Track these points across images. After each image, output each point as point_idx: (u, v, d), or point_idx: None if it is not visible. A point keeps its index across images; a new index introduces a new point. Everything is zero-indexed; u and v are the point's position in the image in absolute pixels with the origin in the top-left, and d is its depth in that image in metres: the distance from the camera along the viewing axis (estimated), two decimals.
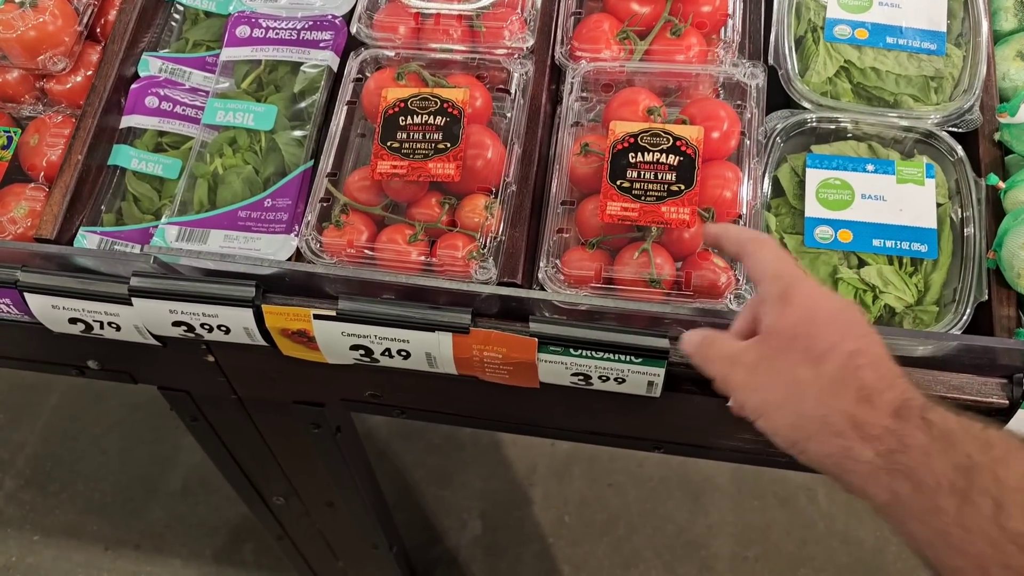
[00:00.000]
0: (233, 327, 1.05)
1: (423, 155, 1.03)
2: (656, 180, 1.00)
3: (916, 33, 1.14)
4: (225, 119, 1.16)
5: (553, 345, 0.97)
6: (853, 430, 0.67)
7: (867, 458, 0.65)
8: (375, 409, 1.22)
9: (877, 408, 0.67)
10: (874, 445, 0.65)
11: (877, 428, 0.66)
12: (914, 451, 0.63)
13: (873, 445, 0.65)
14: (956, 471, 0.61)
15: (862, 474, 0.66)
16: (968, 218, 1.04)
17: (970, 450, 0.62)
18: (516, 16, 1.12)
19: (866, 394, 0.67)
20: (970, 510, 0.59)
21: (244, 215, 1.09)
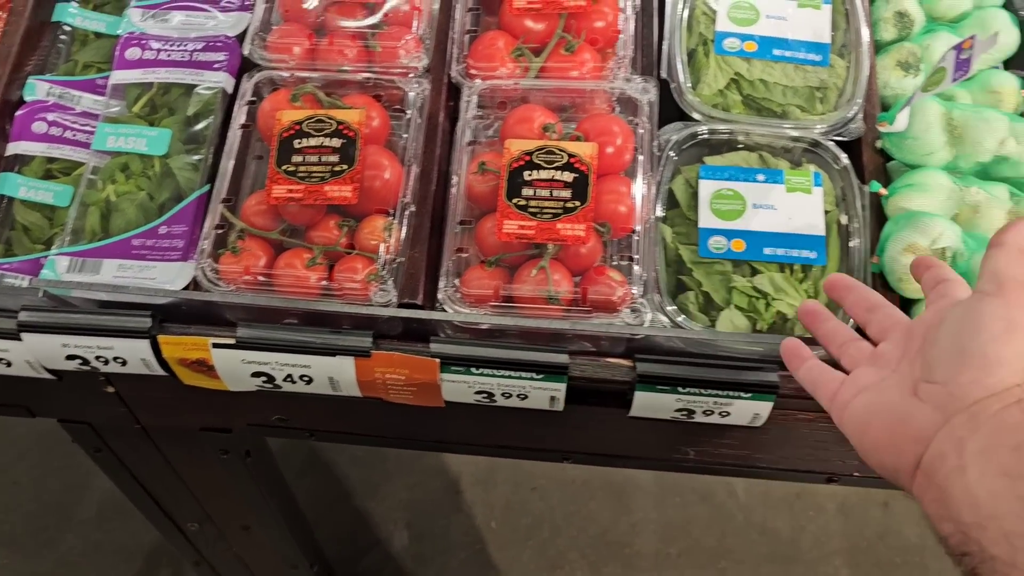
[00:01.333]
0: (130, 359, 1.03)
1: (319, 178, 1.02)
2: (551, 198, 1.01)
3: (802, 45, 1.18)
4: (116, 144, 1.13)
5: (455, 365, 0.98)
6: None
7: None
8: (283, 433, 1.21)
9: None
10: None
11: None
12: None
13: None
14: None
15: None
16: (854, 224, 1.08)
17: None
18: (411, 35, 1.12)
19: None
20: None
21: (138, 243, 1.07)
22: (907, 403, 0.70)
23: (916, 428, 0.68)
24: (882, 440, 0.71)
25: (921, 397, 0.69)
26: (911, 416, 0.69)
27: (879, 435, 0.71)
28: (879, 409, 0.72)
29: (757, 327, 1.05)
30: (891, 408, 0.71)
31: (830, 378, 0.81)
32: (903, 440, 0.69)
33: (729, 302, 1.05)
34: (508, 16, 1.14)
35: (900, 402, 0.71)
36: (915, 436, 0.68)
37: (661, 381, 0.96)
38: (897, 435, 0.69)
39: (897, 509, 2.33)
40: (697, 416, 1.01)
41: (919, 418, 0.68)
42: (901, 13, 1.23)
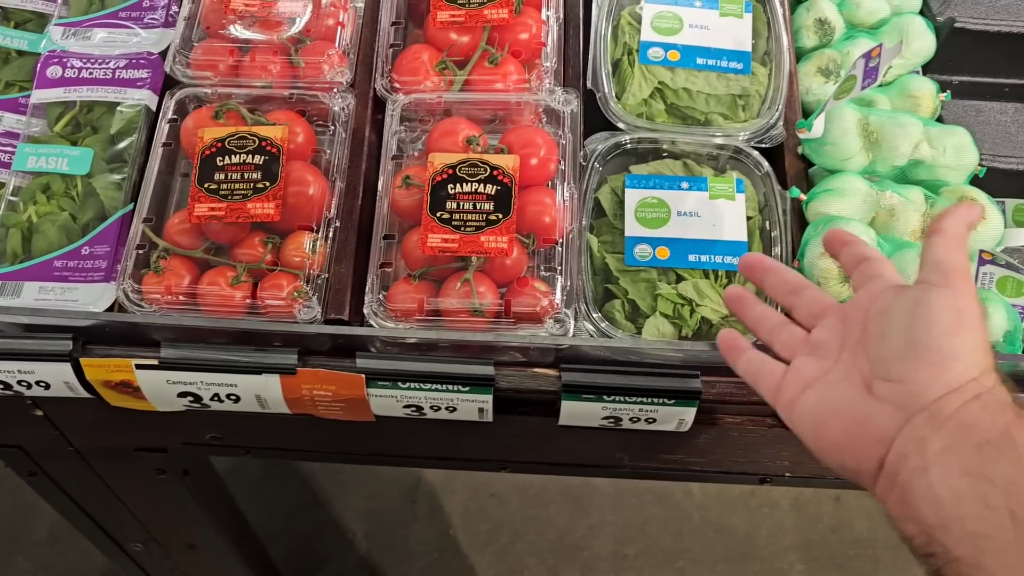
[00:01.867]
0: (53, 382, 1.01)
1: (242, 195, 1.02)
2: (475, 210, 1.02)
3: (724, 53, 1.20)
4: (38, 165, 1.11)
5: (381, 380, 0.98)
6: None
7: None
8: (219, 451, 1.20)
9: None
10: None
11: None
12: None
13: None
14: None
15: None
16: (776, 230, 1.10)
17: None
18: (334, 50, 1.12)
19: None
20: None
21: (60, 264, 1.06)
22: (865, 403, 0.69)
23: (877, 429, 0.67)
24: (841, 442, 0.70)
25: (878, 396, 0.68)
26: (871, 417, 0.68)
27: (838, 437, 0.70)
28: (835, 410, 0.71)
29: (682, 333, 1.06)
30: (848, 408, 0.70)
31: (771, 370, 0.79)
32: (864, 442, 0.68)
33: (655, 309, 1.06)
34: (432, 29, 1.14)
35: (857, 402, 0.70)
36: (876, 437, 0.67)
37: (586, 390, 0.97)
38: (857, 437, 0.69)
39: (848, 503, 2.36)
40: (624, 423, 1.02)
41: (879, 419, 0.67)
42: (821, 20, 1.25)
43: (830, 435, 0.71)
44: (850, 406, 0.70)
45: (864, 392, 0.70)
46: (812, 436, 0.73)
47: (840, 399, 0.71)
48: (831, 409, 0.72)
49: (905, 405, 0.66)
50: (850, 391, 0.71)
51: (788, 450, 1.11)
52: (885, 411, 0.67)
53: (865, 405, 0.69)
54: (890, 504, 0.66)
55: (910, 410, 0.66)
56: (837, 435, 0.71)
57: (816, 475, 1.16)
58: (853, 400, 0.70)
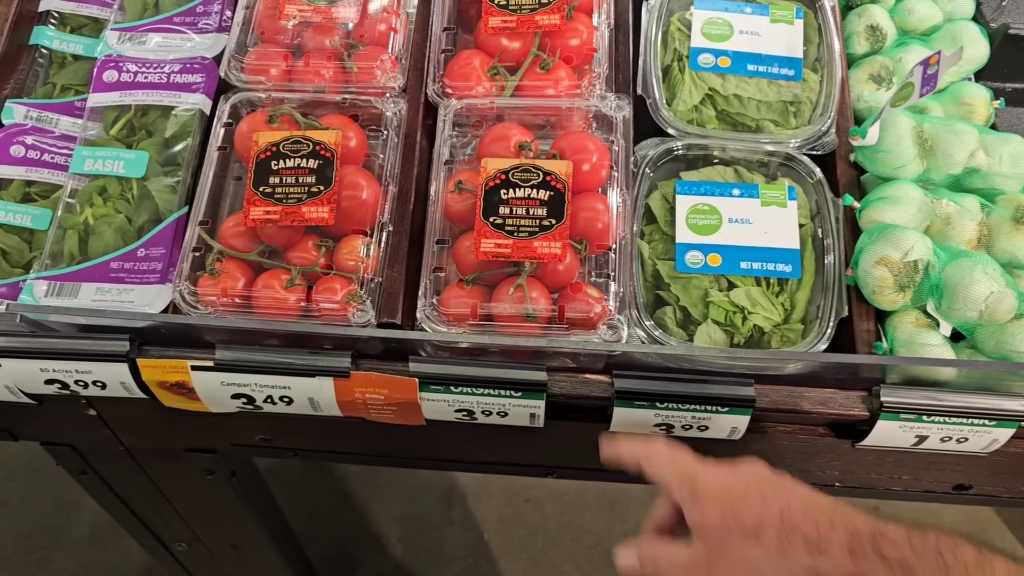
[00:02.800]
0: (109, 382, 1.03)
1: (296, 199, 1.03)
2: (528, 216, 1.02)
3: (775, 60, 1.19)
4: (94, 167, 1.13)
5: (434, 384, 0.98)
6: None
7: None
8: (267, 453, 1.21)
9: (831, 554, 0.70)
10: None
11: (840, 574, 0.69)
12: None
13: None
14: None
15: None
16: (828, 237, 1.09)
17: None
18: (387, 55, 1.13)
19: (814, 544, 0.71)
20: None
21: (116, 266, 1.07)
22: None
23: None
24: None
25: None
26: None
27: None
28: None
29: (734, 341, 1.05)
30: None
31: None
32: None
33: (707, 316, 1.06)
34: (483, 35, 1.14)
35: None
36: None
37: (639, 397, 0.97)
38: None
39: (887, 513, 2.32)
40: (676, 431, 1.01)
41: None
42: (873, 27, 1.24)
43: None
44: None
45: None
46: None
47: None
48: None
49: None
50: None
51: (839, 460, 1.10)
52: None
53: None
54: None
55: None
56: None
57: (866, 485, 1.15)
58: None
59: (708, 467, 0.81)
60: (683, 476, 0.81)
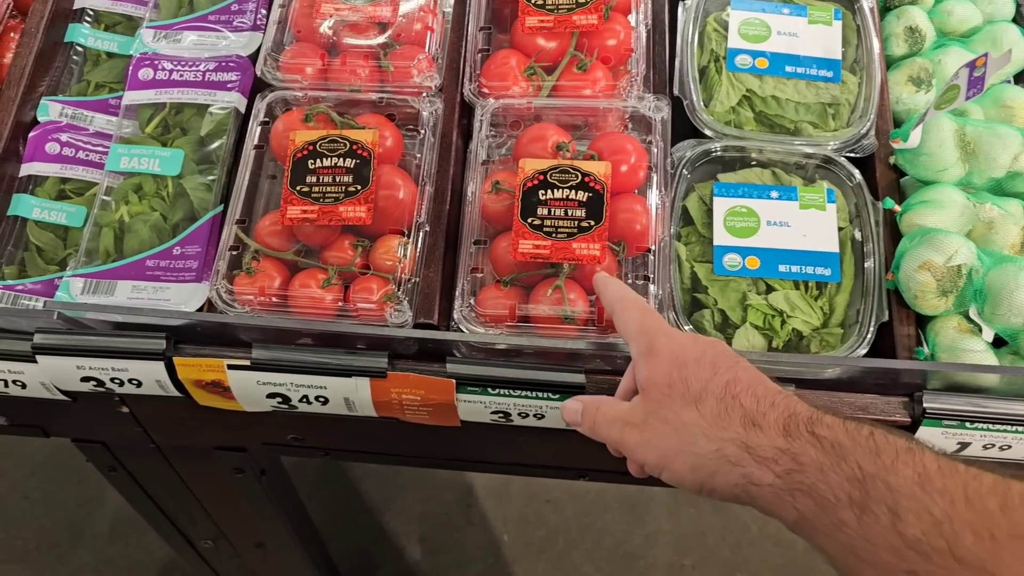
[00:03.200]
0: (145, 380, 1.03)
1: (334, 199, 1.03)
2: (566, 217, 1.01)
3: (813, 61, 1.18)
4: (130, 165, 1.13)
5: (471, 385, 0.98)
6: (748, 456, 0.68)
7: (768, 481, 0.67)
8: (298, 452, 1.21)
9: (765, 430, 0.69)
10: (771, 467, 0.67)
11: (770, 450, 0.68)
12: (809, 469, 0.65)
13: (770, 467, 0.67)
14: (851, 483, 0.63)
15: (767, 497, 0.68)
16: (868, 241, 1.08)
17: (861, 460, 0.63)
18: (423, 55, 1.12)
19: (751, 418, 0.70)
20: (870, 521, 0.61)
21: (152, 264, 1.07)
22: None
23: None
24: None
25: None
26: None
27: None
28: None
29: (773, 345, 1.04)
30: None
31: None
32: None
33: (745, 320, 1.05)
34: (520, 35, 1.14)
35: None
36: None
37: None
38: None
39: None
40: None
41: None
42: (912, 28, 1.22)
43: None
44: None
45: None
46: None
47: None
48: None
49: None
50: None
51: None
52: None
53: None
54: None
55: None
56: None
57: None
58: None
59: (672, 331, 0.80)
60: (645, 332, 0.80)
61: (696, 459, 0.71)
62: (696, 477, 0.72)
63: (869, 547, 0.61)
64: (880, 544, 0.60)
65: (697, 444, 0.71)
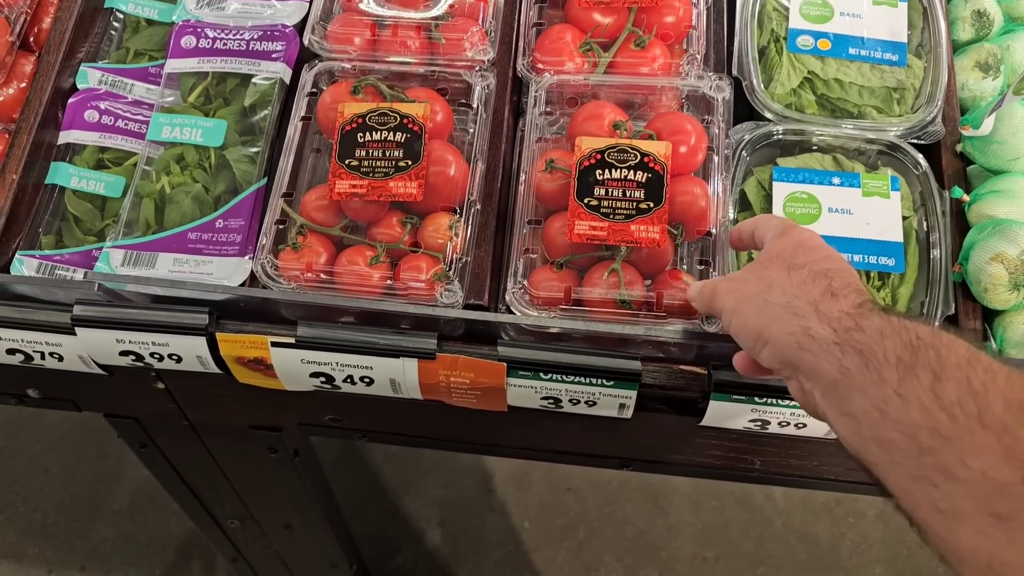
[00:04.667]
0: (185, 356, 1.00)
1: (383, 173, 0.99)
2: (624, 198, 0.97)
3: (878, 44, 1.14)
4: (172, 135, 1.10)
5: (522, 370, 0.95)
6: (814, 312, 0.70)
7: (824, 335, 0.68)
8: (335, 433, 1.18)
9: (840, 300, 0.71)
10: (832, 324, 0.69)
11: (837, 312, 0.70)
12: (869, 331, 0.67)
13: (831, 324, 0.69)
14: (904, 348, 0.64)
15: (816, 352, 0.68)
16: (933, 231, 1.04)
17: (921, 333, 0.64)
18: (476, 27, 1.09)
19: (832, 291, 0.72)
20: (910, 380, 0.62)
21: (194, 237, 1.04)
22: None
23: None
24: None
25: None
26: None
27: None
28: None
29: None
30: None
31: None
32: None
33: None
34: (576, 9, 1.10)
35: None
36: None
37: (739, 390, 0.93)
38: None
39: None
40: (772, 427, 0.97)
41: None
42: (979, 12, 1.18)
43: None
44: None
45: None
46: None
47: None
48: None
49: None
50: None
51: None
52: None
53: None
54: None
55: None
56: None
57: None
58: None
59: (805, 228, 0.83)
60: (785, 224, 0.83)
61: (765, 305, 0.74)
62: (758, 322, 0.74)
63: (900, 403, 0.61)
64: (912, 401, 0.61)
65: (772, 293, 0.74)
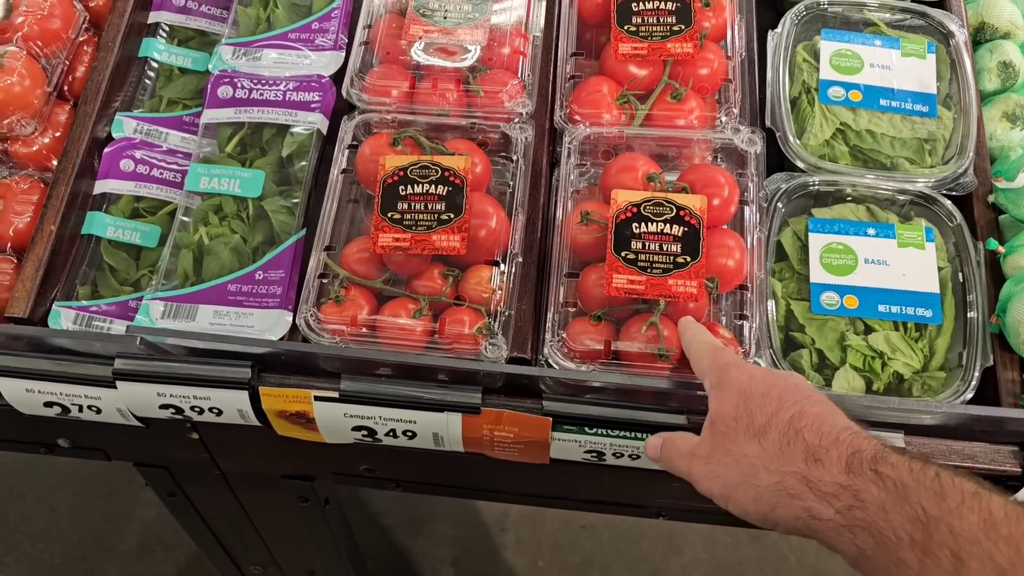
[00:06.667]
0: (226, 409, 1.00)
1: (426, 227, 1.00)
2: (661, 251, 0.98)
3: (908, 95, 1.15)
4: (209, 185, 1.10)
5: (568, 424, 0.95)
6: (808, 490, 0.69)
7: (828, 516, 0.67)
8: (369, 483, 1.18)
9: (827, 465, 0.69)
10: (832, 503, 0.67)
11: (831, 486, 0.68)
12: (870, 506, 0.65)
13: (831, 503, 0.67)
14: (913, 524, 0.63)
15: (828, 532, 0.68)
16: (969, 282, 1.05)
17: (925, 502, 0.63)
18: (515, 80, 1.10)
19: (812, 454, 0.70)
20: (931, 564, 0.61)
21: (234, 288, 1.04)
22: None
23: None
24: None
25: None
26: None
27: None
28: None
29: (873, 387, 1.01)
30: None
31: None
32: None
33: (844, 361, 1.02)
34: (612, 61, 1.11)
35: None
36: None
37: None
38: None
39: None
40: None
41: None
42: (1005, 63, 1.20)
43: None
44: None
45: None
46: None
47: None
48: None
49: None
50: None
51: None
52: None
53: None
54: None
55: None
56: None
57: None
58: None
59: (744, 365, 0.81)
60: (716, 366, 0.82)
61: (758, 491, 0.72)
62: (759, 508, 0.72)
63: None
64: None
65: (758, 476, 0.72)
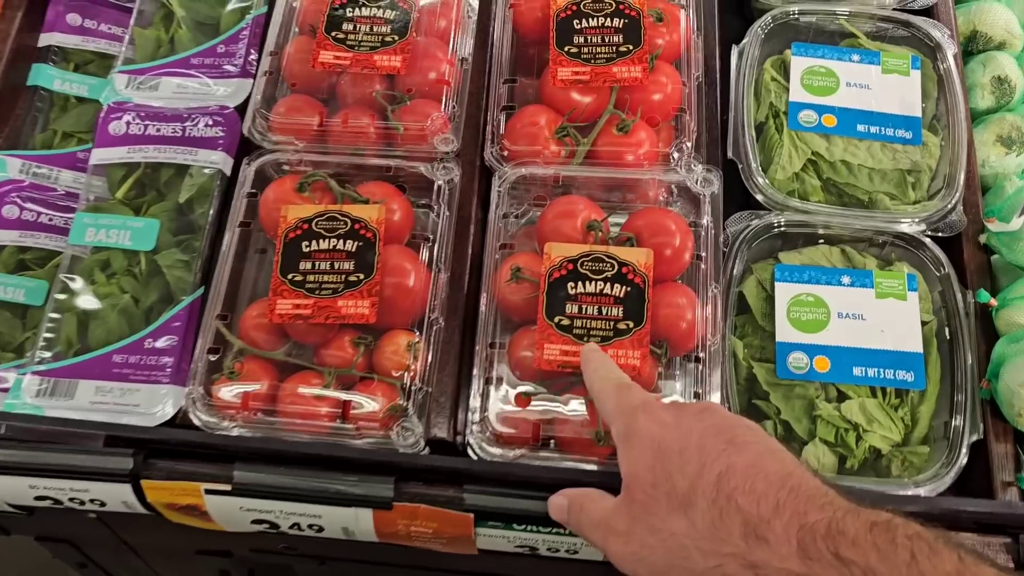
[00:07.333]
0: (109, 501, 0.88)
1: (331, 290, 0.87)
2: (601, 315, 0.85)
3: (889, 119, 1.02)
4: (96, 237, 0.98)
5: (492, 519, 0.82)
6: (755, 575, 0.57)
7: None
8: (290, 560, 1.06)
9: (773, 545, 0.56)
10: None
11: (783, 573, 0.56)
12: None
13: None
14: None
15: None
16: (957, 338, 0.92)
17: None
18: (438, 113, 0.96)
19: (753, 528, 0.58)
20: None
21: (120, 360, 0.92)
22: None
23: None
24: None
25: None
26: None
27: None
28: None
29: (847, 465, 0.89)
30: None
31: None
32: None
33: (813, 434, 0.89)
34: (550, 88, 0.98)
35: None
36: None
37: None
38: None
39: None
40: None
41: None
42: (1000, 78, 1.06)
43: None
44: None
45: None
46: None
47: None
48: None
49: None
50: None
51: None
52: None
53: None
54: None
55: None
56: None
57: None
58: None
59: (653, 407, 0.68)
60: (622, 411, 0.69)
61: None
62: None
63: None
64: None
65: (691, 559, 0.60)
